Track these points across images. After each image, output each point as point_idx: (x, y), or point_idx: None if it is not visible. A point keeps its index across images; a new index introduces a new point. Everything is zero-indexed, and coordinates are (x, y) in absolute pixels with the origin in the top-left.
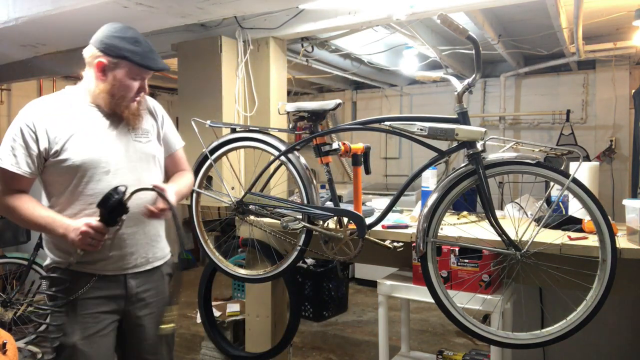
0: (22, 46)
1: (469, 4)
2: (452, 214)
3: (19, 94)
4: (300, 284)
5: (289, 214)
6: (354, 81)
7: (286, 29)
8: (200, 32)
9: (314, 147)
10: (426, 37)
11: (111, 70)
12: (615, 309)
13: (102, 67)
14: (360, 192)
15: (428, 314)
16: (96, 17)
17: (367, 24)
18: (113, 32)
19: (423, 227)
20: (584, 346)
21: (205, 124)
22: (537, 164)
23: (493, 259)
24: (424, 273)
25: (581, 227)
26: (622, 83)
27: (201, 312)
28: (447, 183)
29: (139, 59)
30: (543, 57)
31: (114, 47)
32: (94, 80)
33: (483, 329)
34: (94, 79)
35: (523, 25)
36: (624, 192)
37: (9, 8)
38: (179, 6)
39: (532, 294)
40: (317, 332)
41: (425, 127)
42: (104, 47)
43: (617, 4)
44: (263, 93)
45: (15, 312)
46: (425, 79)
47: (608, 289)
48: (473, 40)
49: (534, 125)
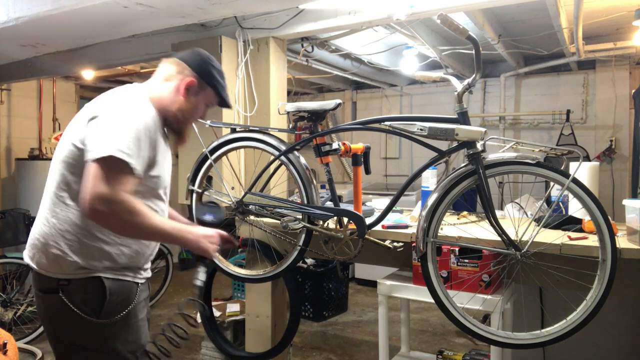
0: (22, 46)
1: (469, 4)
2: (452, 214)
3: (19, 94)
4: (300, 284)
5: (289, 214)
6: (354, 81)
7: (286, 29)
8: (200, 32)
9: (314, 147)
10: (426, 37)
11: (196, 92)
12: (615, 309)
13: (189, 87)
14: (360, 192)
15: (428, 314)
16: (96, 17)
17: (367, 24)
18: (208, 60)
19: (423, 227)
20: (584, 346)
21: (205, 124)
22: (537, 164)
23: (493, 259)
24: (424, 273)
25: (581, 227)
26: (622, 83)
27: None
28: (447, 183)
29: (222, 93)
30: (543, 57)
31: (209, 74)
32: (172, 94)
33: (483, 329)
34: (173, 93)
35: (523, 25)
36: (624, 192)
37: (9, 8)
38: (179, 6)
39: (532, 294)
40: (317, 332)
41: (425, 127)
42: (200, 70)
43: (617, 4)
44: (263, 93)
45: (15, 312)
46: (425, 79)
47: (608, 289)
48: (473, 40)
49: (534, 125)
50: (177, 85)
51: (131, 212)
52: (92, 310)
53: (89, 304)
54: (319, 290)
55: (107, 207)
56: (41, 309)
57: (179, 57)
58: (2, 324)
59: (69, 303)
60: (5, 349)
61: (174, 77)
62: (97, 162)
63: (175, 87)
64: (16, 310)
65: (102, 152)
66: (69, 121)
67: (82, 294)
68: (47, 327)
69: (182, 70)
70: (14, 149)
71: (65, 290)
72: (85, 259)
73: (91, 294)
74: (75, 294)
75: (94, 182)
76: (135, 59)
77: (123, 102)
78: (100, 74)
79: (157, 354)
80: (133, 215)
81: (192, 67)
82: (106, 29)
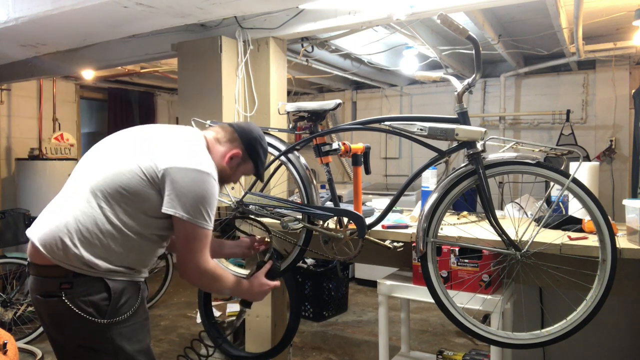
0: (22, 46)
1: (469, 4)
2: (452, 214)
3: (19, 94)
4: (300, 284)
5: (289, 214)
6: (354, 81)
7: (286, 29)
8: (200, 32)
9: (314, 147)
10: (426, 37)
11: (238, 162)
12: (615, 309)
13: (234, 157)
14: (360, 192)
15: (428, 314)
16: (96, 17)
17: (367, 24)
18: (259, 139)
19: (423, 227)
20: (584, 346)
21: (205, 124)
22: (537, 164)
23: (493, 259)
24: (424, 273)
25: (581, 227)
26: (622, 83)
27: (201, 312)
28: (447, 183)
29: (261, 168)
30: (543, 57)
31: (255, 152)
32: (219, 158)
33: (483, 329)
34: (220, 157)
35: (523, 25)
36: (624, 192)
37: (9, 8)
38: (179, 6)
39: (532, 294)
40: (317, 332)
41: (425, 127)
42: (248, 145)
43: (617, 4)
44: (263, 93)
45: (15, 312)
46: (425, 79)
47: (608, 289)
48: (473, 40)
49: (534, 125)
50: (225, 152)
51: (215, 279)
52: (96, 311)
53: (93, 305)
54: (319, 290)
55: (200, 276)
56: (43, 314)
57: (236, 127)
58: (2, 324)
59: (73, 306)
60: (5, 349)
61: (224, 143)
62: (192, 227)
63: (223, 152)
64: (16, 310)
65: (199, 221)
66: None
67: (86, 296)
68: (51, 331)
69: (233, 140)
70: (14, 149)
71: (68, 293)
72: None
73: (95, 295)
74: (79, 296)
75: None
76: (135, 59)
77: (201, 163)
78: (100, 74)
79: None
80: (216, 281)
81: (243, 141)
82: (106, 29)
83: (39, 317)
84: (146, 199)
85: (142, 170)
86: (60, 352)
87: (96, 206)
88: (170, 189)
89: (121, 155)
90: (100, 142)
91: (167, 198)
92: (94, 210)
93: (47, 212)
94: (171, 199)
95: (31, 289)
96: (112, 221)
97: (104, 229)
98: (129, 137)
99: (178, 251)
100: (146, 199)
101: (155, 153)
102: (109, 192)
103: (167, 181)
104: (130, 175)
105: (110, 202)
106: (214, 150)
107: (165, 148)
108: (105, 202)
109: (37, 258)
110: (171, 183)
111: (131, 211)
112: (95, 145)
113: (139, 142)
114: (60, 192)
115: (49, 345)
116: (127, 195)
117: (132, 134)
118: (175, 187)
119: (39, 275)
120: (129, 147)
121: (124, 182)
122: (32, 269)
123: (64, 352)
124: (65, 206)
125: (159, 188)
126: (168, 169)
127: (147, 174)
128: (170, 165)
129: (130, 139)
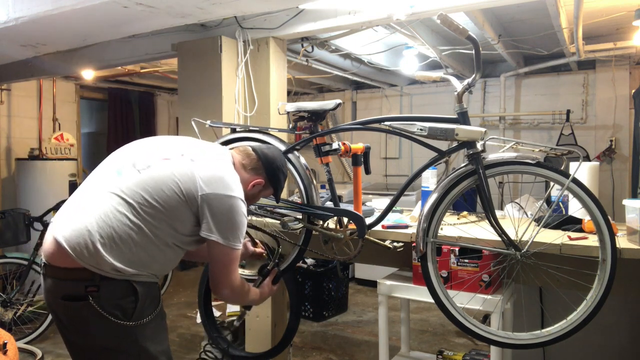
0: (22, 46)
1: (469, 4)
2: (452, 214)
3: (19, 94)
4: (300, 284)
5: (289, 214)
6: (354, 81)
7: (286, 29)
8: (200, 32)
9: (314, 147)
10: (426, 37)
11: (260, 189)
12: (615, 309)
13: (257, 184)
14: (360, 192)
15: (428, 314)
16: (96, 17)
17: (367, 24)
18: (281, 168)
19: (423, 227)
20: (584, 346)
21: (206, 124)
22: (537, 164)
23: (493, 259)
24: (424, 273)
25: (581, 227)
26: (622, 83)
27: (201, 312)
28: (447, 183)
29: (279, 193)
30: (543, 57)
31: (277, 180)
32: (244, 180)
33: (483, 329)
34: (244, 181)
35: (523, 25)
36: (624, 192)
37: (9, 8)
38: (179, 6)
39: (532, 294)
40: (317, 332)
41: (425, 127)
42: (272, 175)
43: (617, 4)
44: (263, 93)
45: (15, 312)
46: (425, 79)
47: (608, 288)
48: (473, 40)
49: (534, 125)
50: (249, 179)
51: (244, 293)
52: (122, 313)
53: (119, 308)
54: (319, 290)
55: (232, 293)
56: (63, 317)
57: (260, 155)
58: (2, 324)
59: (100, 309)
60: (5, 349)
61: (249, 170)
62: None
63: (247, 179)
64: (16, 310)
65: (234, 243)
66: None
67: (113, 299)
68: (71, 334)
69: (257, 168)
70: (14, 149)
71: (95, 296)
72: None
73: (123, 298)
74: (106, 299)
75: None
76: (135, 59)
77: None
78: (100, 74)
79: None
80: (245, 295)
81: (266, 170)
82: (106, 29)
83: (57, 319)
84: (180, 217)
85: (182, 190)
86: (79, 355)
87: (130, 215)
88: (208, 215)
89: (160, 168)
90: (130, 146)
91: (205, 224)
92: (127, 219)
93: (73, 213)
94: (209, 225)
95: (50, 292)
96: (144, 232)
97: (136, 238)
98: (164, 148)
99: (212, 270)
100: (180, 217)
101: (195, 174)
102: (145, 204)
103: (205, 207)
104: (170, 194)
105: (145, 213)
106: (239, 174)
107: (203, 170)
108: (140, 212)
109: (59, 260)
110: (209, 209)
111: (165, 225)
112: (124, 147)
113: (176, 157)
114: (83, 191)
115: (49, 345)
116: (163, 210)
117: (166, 145)
118: (213, 213)
119: (60, 278)
120: (168, 162)
121: (162, 198)
122: (50, 271)
123: (84, 355)
124: (95, 209)
125: (196, 210)
126: (207, 195)
127: (186, 194)
128: (209, 191)
129: (166, 151)
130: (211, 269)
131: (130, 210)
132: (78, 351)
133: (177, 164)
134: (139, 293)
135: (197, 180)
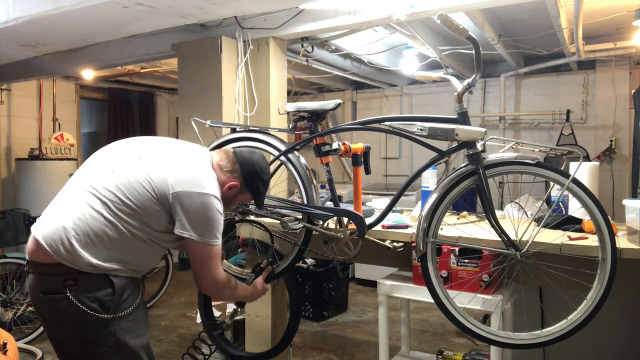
0: (22, 46)
1: (469, 4)
2: (452, 214)
3: (19, 94)
4: (300, 284)
5: (289, 214)
6: (354, 81)
7: (286, 29)
8: (200, 32)
9: (314, 147)
10: (426, 37)
11: (236, 192)
12: (615, 309)
13: (232, 187)
14: (360, 192)
15: (428, 314)
16: (96, 17)
17: (367, 24)
18: (260, 173)
19: (423, 227)
20: (584, 346)
21: (205, 124)
22: (537, 164)
23: (493, 259)
24: (424, 273)
25: (581, 227)
26: (622, 83)
27: (201, 312)
28: (447, 183)
29: (260, 199)
30: (543, 57)
31: (254, 185)
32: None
33: (483, 329)
34: (220, 182)
35: (523, 25)
36: (624, 192)
37: (9, 8)
38: (179, 6)
39: (532, 294)
40: (317, 332)
41: (425, 127)
42: (247, 178)
43: (617, 4)
44: (263, 93)
45: (15, 312)
46: (425, 79)
47: (608, 288)
48: (473, 40)
49: (534, 125)
50: (224, 181)
51: (228, 288)
52: (100, 306)
53: (97, 301)
54: (319, 290)
55: (215, 287)
56: (44, 312)
57: (239, 157)
58: (2, 324)
59: (77, 302)
60: (5, 349)
61: (225, 172)
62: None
63: (222, 181)
64: (16, 310)
65: (210, 240)
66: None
67: (90, 292)
68: (52, 329)
69: (234, 171)
70: (14, 149)
71: (73, 289)
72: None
73: (100, 291)
74: (84, 292)
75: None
76: (135, 59)
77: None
78: (100, 74)
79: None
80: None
81: (243, 173)
82: (106, 29)
83: (40, 315)
84: (154, 215)
85: (153, 188)
86: (61, 349)
87: (105, 213)
88: (181, 212)
89: (133, 168)
90: (109, 147)
91: (179, 222)
92: (102, 217)
93: (52, 212)
94: (182, 223)
95: (31, 288)
96: (119, 230)
97: (112, 235)
98: (139, 149)
99: (193, 267)
100: (154, 215)
101: (167, 173)
102: (119, 203)
103: (177, 204)
104: (143, 192)
105: (120, 211)
106: (217, 175)
107: (175, 168)
108: (114, 210)
109: (39, 256)
110: (181, 207)
111: (139, 223)
112: (104, 148)
113: (151, 157)
114: (63, 191)
115: (49, 345)
116: (137, 209)
117: (142, 145)
118: (185, 210)
119: (40, 274)
120: (141, 161)
121: (135, 197)
122: (32, 268)
123: (65, 349)
124: (71, 208)
125: (168, 208)
126: (178, 193)
127: (158, 193)
128: (180, 189)
129: (142, 151)
130: (192, 266)
131: (105, 209)
132: (60, 346)
133: (150, 163)
134: (116, 286)
135: (168, 179)
